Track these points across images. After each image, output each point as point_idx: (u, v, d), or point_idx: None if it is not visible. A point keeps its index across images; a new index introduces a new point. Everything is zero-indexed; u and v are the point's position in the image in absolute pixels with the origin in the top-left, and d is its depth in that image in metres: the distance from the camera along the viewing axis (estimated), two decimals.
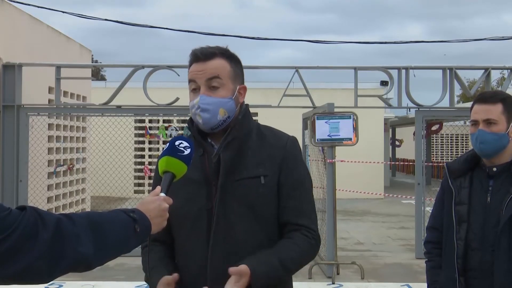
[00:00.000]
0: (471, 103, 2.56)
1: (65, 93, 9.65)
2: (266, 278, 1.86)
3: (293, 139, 2.09)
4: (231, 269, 1.84)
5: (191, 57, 2.01)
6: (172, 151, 1.78)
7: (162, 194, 1.71)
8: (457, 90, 12.74)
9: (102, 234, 1.49)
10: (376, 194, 13.80)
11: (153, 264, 2.01)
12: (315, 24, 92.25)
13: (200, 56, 1.98)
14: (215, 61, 1.97)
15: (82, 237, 1.44)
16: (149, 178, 15.46)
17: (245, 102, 2.10)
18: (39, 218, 1.40)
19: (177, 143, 1.80)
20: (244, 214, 1.94)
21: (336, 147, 7.21)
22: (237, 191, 1.95)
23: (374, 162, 13.24)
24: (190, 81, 2.00)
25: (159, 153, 1.86)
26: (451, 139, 28.22)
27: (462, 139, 27.90)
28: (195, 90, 1.99)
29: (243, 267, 1.84)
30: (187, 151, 1.79)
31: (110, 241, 1.51)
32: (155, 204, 1.67)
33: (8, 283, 1.38)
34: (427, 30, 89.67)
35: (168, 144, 1.81)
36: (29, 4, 11.60)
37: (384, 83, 14.67)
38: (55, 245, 1.39)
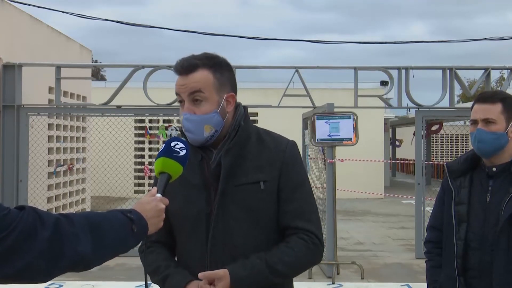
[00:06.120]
0: (472, 103, 2.57)
1: (65, 93, 9.65)
2: (248, 281, 1.86)
3: (293, 143, 2.06)
4: (201, 274, 1.85)
5: (174, 70, 1.97)
6: (168, 152, 1.78)
7: (159, 195, 1.72)
8: (457, 90, 12.72)
9: (100, 234, 1.50)
10: (376, 194, 13.81)
11: (161, 263, 2.00)
12: (318, 22, 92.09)
13: (181, 70, 1.94)
14: (196, 74, 1.92)
15: (81, 237, 1.45)
16: (149, 178, 15.46)
17: (244, 104, 2.08)
18: (38, 217, 1.40)
19: (172, 144, 1.80)
20: (243, 219, 1.94)
21: (336, 147, 7.21)
22: (237, 196, 1.94)
23: (374, 161, 13.24)
24: (176, 93, 1.98)
25: None
26: (451, 139, 28.21)
27: (462, 139, 27.90)
28: (181, 103, 1.97)
29: (220, 271, 1.85)
30: (182, 152, 1.79)
31: (108, 241, 1.52)
32: (151, 204, 1.68)
33: (8, 283, 1.39)
34: (431, 29, 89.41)
35: (163, 145, 1.81)
36: (29, 4, 11.59)
37: (384, 83, 14.66)
38: (54, 244, 1.40)
